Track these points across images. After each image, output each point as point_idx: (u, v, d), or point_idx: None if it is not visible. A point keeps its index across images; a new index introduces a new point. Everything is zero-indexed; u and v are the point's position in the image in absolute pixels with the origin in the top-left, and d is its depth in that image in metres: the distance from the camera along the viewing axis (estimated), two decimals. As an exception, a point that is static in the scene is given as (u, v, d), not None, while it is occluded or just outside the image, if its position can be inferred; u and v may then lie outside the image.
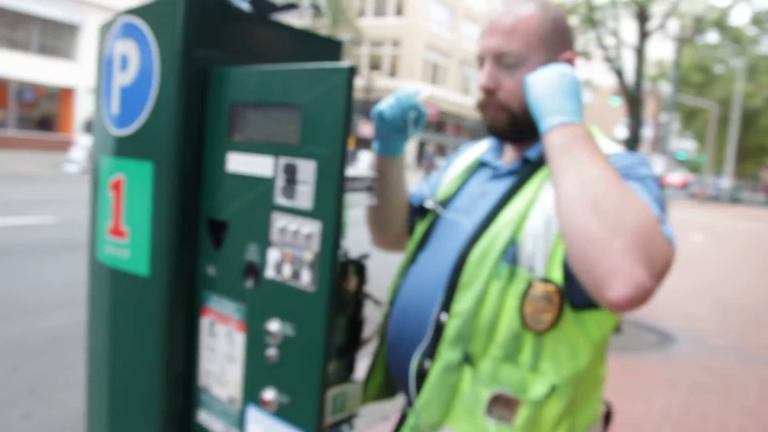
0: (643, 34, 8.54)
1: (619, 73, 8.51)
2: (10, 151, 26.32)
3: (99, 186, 1.70)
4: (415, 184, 1.84)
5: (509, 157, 1.55)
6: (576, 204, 1.09)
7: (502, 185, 1.46)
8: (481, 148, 1.69)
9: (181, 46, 1.48)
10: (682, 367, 5.78)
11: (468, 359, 1.34)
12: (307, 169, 1.30)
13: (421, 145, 43.69)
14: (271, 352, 1.39)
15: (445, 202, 1.58)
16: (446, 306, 1.38)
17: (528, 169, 1.43)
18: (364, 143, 39.76)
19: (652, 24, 8.66)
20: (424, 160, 38.94)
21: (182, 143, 1.51)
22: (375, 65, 43.25)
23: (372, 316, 1.61)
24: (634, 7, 8.24)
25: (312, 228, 1.29)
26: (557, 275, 1.27)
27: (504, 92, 1.42)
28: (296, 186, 1.32)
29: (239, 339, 1.48)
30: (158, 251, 1.54)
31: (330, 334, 1.29)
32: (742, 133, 41.83)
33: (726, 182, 43.90)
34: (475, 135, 49.61)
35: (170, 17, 1.48)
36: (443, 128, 46.63)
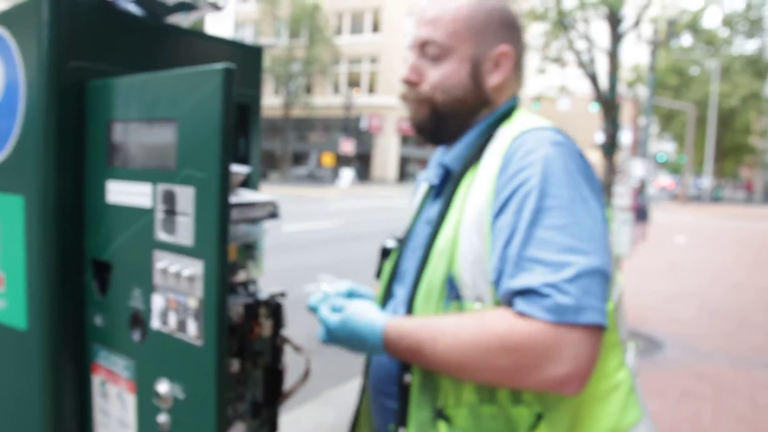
0: (616, 37, 8.42)
1: (593, 78, 8.37)
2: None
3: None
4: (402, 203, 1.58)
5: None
6: (470, 377, 1.10)
7: (435, 208, 1.27)
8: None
9: (49, 57, 1.25)
10: (672, 375, 5.58)
11: (441, 414, 1.14)
12: (185, 197, 1.07)
13: (403, 161, 43.60)
14: (162, 418, 1.15)
15: (403, 241, 1.38)
16: (405, 364, 1.20)
17: (451, 183, 1.22)
18: (344, 160, 39.63)
19: (624, 26, 8.55)
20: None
21: (56, 172, 1.28)
22: (354, 82, 43.18)
23: (294, 363, 1.38)
24: (604, 10, 8.11)
25: (194, 269, 1.06)
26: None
27: (426, 85, 1.25)
28: (176, 218, 1.09)
29: (130, 401, 1.24)
30: (36, 300, 1.31)
31: (222, 394, 1.06)
32: (720, 132, 42.05)
33: (706, 182, 44.08)
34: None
35: (35, 24, 1.26)
36: (423, 142, 46.44)
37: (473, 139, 1.24)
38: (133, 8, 1.40)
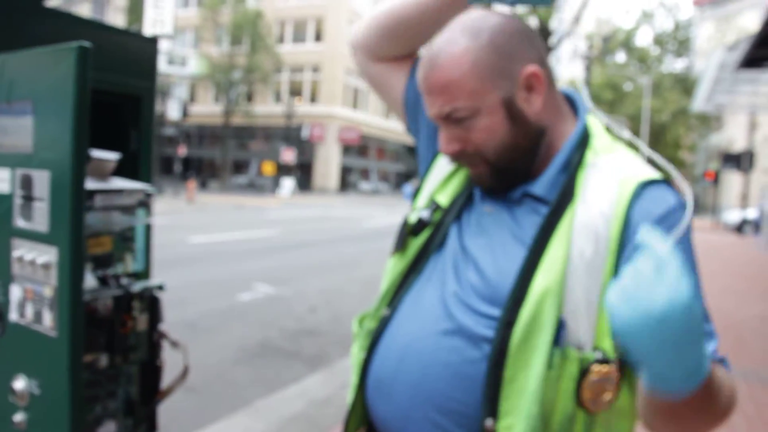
0: (546, 50, 8.65)
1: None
2: None
3: None
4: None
5: None
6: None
7: (507, 215, 1.16)
8: None
9: None
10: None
11: None
12: (42, 182, 1.02)
13: (344, 171, 43.60)
14: (18, 417, 1.09)
15: (445, 214, 1.22)
16: (490, 408, 1.06)
17: (550, 211, 1.11)
18: (285, 170, 39.32)
19: (554, 40, 8.79)
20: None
21: None
22: (296, 91, 42.92)
23: (172, 361, 1.33)
24: (534, 22, 8.33)
25: (49, 256, 1.01)
26: (607, 345, 1.04)
27: (472, 146, 1.12)
28: (33, 203, 1.04)
29: (-10, 401, 1.17)
30: None
31: (78, 389, 1.00)
32: (653, 146, 43.62)
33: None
34: (398, 158, 49.87)
35: None
36: (366, 152, 46.61)
37: (561, 165, 1.14)
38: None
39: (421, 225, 1.20)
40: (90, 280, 1.19)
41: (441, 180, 1.28)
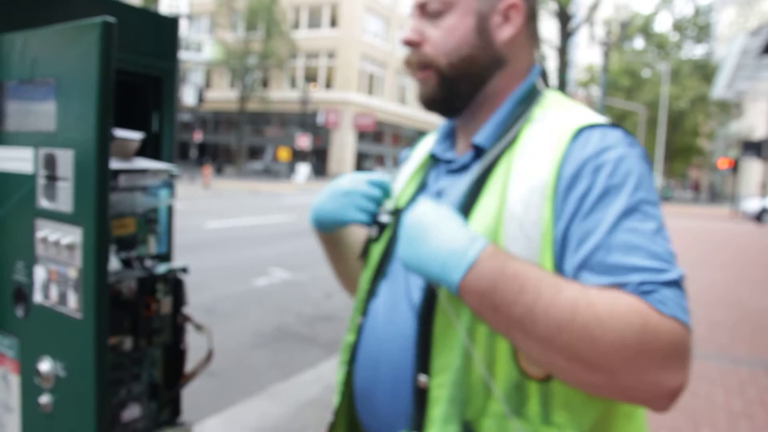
0: (565, 34, 8.53)
1: (543, 74, 8.47)
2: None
3: None
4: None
5: (463, 146, 1.22)
6: (548, 363, 0.93)
7: (459, 185, 1.14)
8: (433, 139, 1.34)
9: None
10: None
11: (468, 428, 1.03)
12: (66, 161, 1.00)
13: (359, 157, 43.48)
14: (44, 399, 1.08)
15: (402, 212, 1.20)
16: (422, 364, 1.05)
17: (485, 162, 1.11)
18: (300, 155, 39.31)
19: (574, 23, 8.67)
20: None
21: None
22: (311, 77, 42.83)
23: (197, 344, 1.32)
24: (554, 6, 8.21)
25: (73, 237, 0.99)
26: None
27: (429, 46, 1.12)
28: (57, 183, 1.02)
29: (15, 383, 1.16)
30: None
31: (104, 371, 0.99)
32: (670, 134, 43.14)
33: (657, 182, 45.26)
34: (413, 144, 49.56)
35: None
36: (381, 138, 46.41)
37: (503, 118, 1.11)
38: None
39: (381, 228, 1.20)
40: (114, 262, 1.18)
41: (402, 186, 1.28)
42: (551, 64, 8.35)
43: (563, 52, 8.27)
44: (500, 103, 1.13)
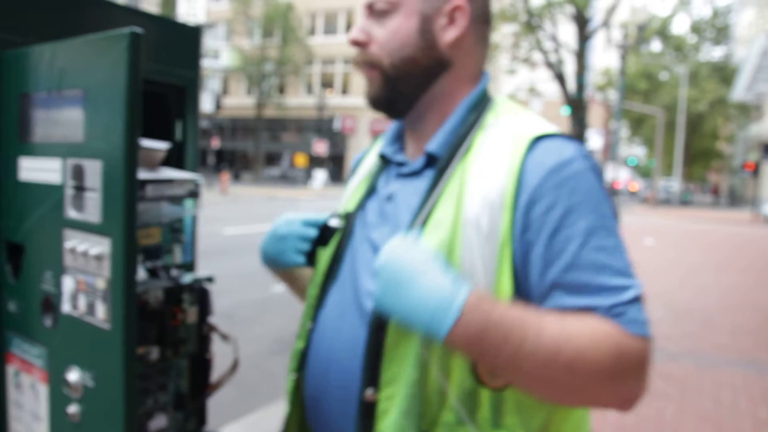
0: (583, 38, 8.49)
1: (561, 78, 8.44)
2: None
3: None
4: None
5: (412, 149, 1.21)
6: (529, 390, 0.99)
7: (410, 191, 1.13)
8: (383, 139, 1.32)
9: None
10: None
11: None
12: (93, 172, 1.00)
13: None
14: (72, 409, 1.08)
15: (352, 216, 1.20)
16: (370, 377, 1.03)
17: (439, 171, 1.09)
18: (317, 161, 39.43)
19: (591, 27, 8.63)
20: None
21: (-34, 149, 1.20)
22: (327, 83, 43.03)
23: (222, 353, 1.31)
24: (571, 9, 8.18)
25: (102, 248, 0.99)
26: None
27: (375, 45, 1.13)
28: (85, 194, 1.02)
29: (43, 392, 1.17)
30: (-55, 286, 1.23)
31: (132, 381, 0.99)
32: (689, 137, 42.69)
33: (675, 185, 44.73)
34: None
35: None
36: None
37: (456, 125, 1.11)
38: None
39: (330, 233, 1.19)
40: (140, 272, 1.18)
41: (352, 189, 1.29)
42: (569, 68, 8.31)
43: (581, 55, 8.23)
44: (450, 107, 1.14)
